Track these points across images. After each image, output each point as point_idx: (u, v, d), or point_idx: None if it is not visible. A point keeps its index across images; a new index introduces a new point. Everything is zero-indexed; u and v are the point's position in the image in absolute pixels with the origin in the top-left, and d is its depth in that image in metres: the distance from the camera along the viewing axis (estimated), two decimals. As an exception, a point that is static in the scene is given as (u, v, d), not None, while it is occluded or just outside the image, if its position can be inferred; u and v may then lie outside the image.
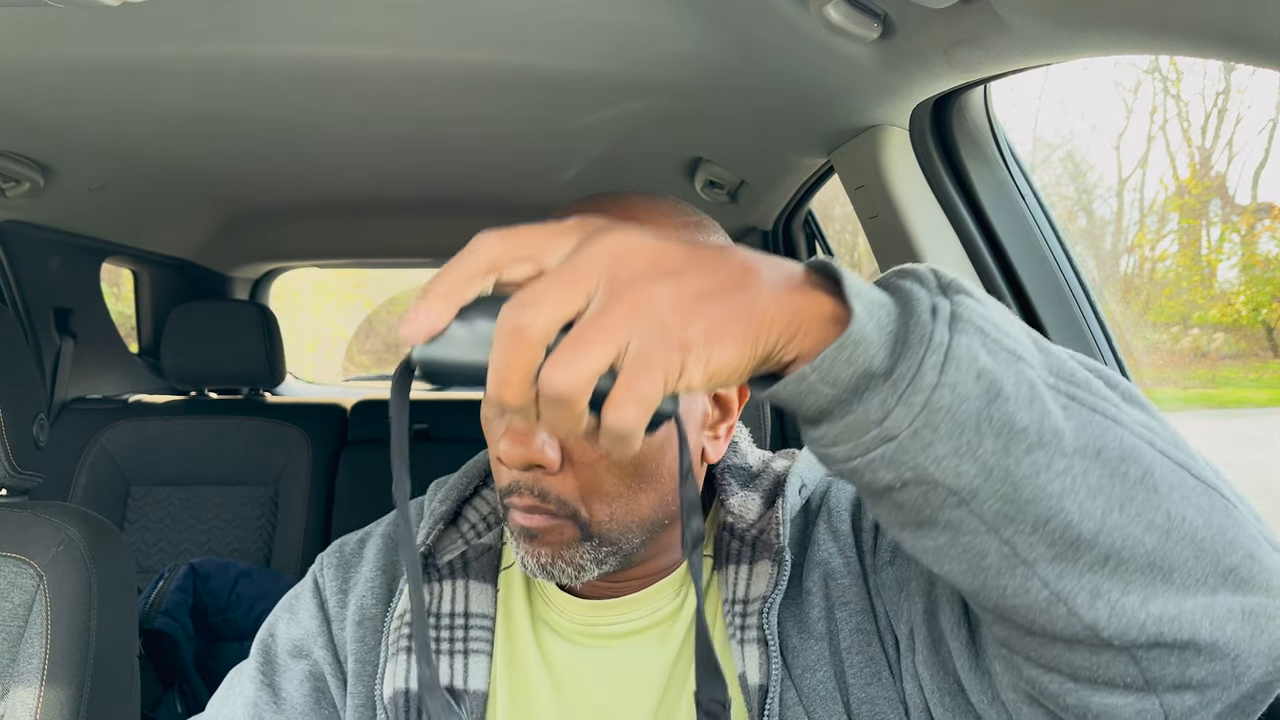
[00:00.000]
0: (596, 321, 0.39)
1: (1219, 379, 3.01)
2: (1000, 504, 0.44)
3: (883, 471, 0.44)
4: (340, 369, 6.35)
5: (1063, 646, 0.47)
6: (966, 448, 0.43)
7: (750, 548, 0.70)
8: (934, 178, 1.09)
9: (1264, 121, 2.83)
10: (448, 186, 1.96)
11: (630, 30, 1.01)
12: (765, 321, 0.43)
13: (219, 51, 1.09)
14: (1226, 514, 0.48)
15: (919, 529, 0.46)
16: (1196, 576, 0.46)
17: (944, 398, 0.42)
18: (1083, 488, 0.44)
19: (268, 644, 0.78)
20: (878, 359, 0.43)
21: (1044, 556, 0.45)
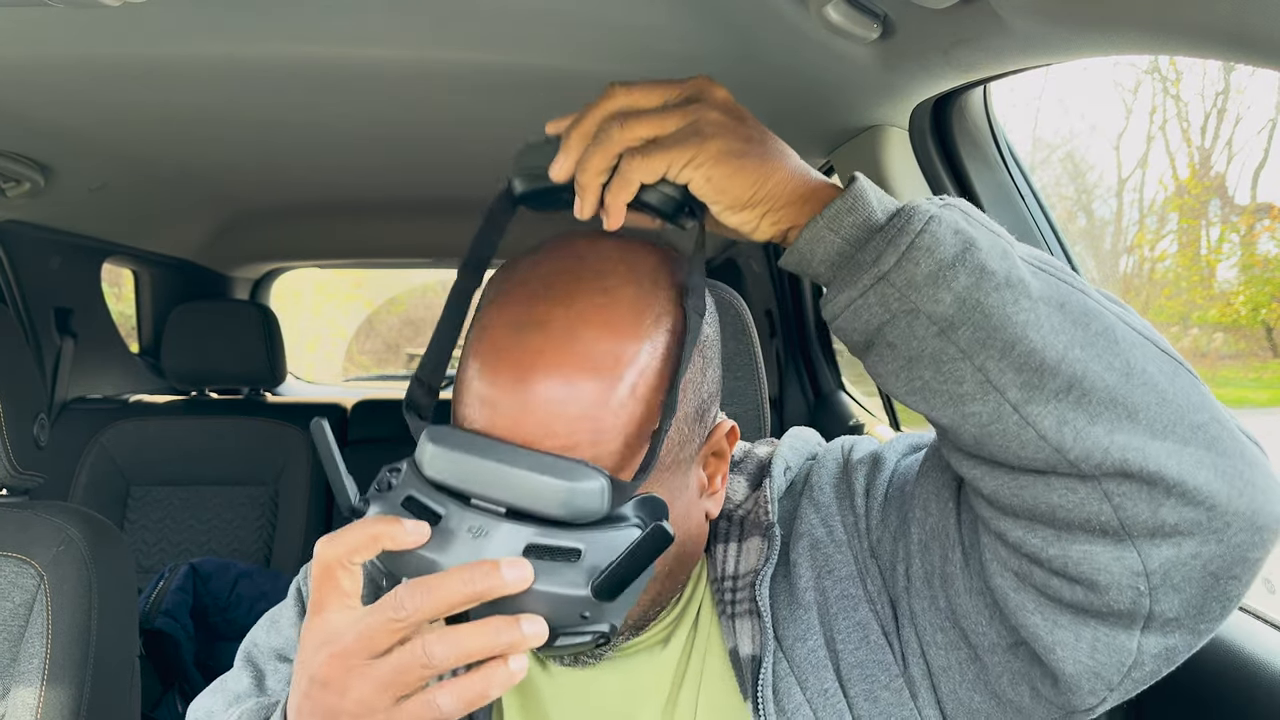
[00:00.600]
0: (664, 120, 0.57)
1: (1218, 379, 3.01)
2: (973, 331, 0.52)
3: (877, 308, 0.54)
4: (340, 369, 6.35)
5: (1040, 483, 0.53)
6: (943, 279, 0.52)
7: (739, 526, 0.71)
8: (933, 178, 1.10)
9: (1263, 121, 2.83)
10: (448, 186, 1.96)
11: (630, 30, 1.01)
12: (774, 177, 0.58)
13: (219, 51, 1.09)
14: (1191, 382, 0.54)
15: (909, 366, 0.54)
16: (1163, 423, 0.52)
17: (924, 240, 0.53)
18: (1045, 324, 0.52)
19: (250, 652, 0.77)
20: (875, 213, 0.55)
21: (1013, 383, 0.52)
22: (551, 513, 0.53)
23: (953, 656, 0.62)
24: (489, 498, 0.53)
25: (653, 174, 0.56)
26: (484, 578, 0.49)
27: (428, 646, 0.48)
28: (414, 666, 0.48)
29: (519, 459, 0.53)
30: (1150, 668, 0.56)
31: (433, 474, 0.55)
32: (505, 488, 0.53)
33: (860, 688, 0.64)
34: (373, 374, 5.64)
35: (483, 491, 0.53)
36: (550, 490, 0.52)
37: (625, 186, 0.57)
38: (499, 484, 0.53)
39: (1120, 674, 0.56)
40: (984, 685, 0.62)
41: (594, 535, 0.53)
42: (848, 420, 1.99)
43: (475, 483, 0.53)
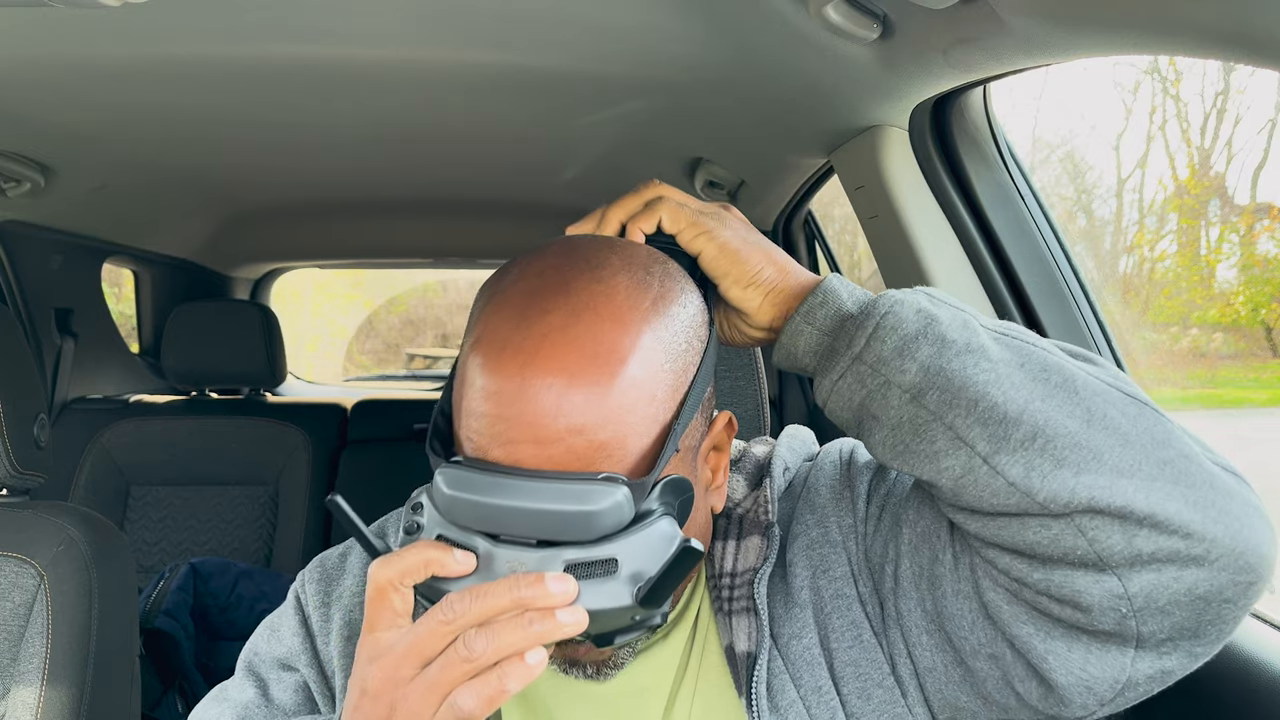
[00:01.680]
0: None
1: (1218, 379, 3.01)
2: (939, 394, 0.57)
3: (855, 386, 0.60)
4: (341, 369, 6.35)
5: (1016, 523, 0.56)
6: (908, 352, 0.58)
7: (738, 525, 0.72)
8: (933, 178, 1.10)
9: (1263, 121, 2.83)
10: (448, 187, 1.96)
11: (630, 31, 1.01)
12: (773, 266, 0.66)
13: (220, 52, 1.09)
14: (1156, 421, 0.57)
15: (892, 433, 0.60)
16: (1128, 462, 0.55)
17: (889, 321, 0.59)
18: (1006, 381, 0.57)
19: (252, 661, 0.76)
20: (846, 304, 0.63)
21: (980, 436, 0.56)
22: (579, 537, 0.54)
23: (938, 658, 0.64)
24: (516, 536, 0.54)
25: (676, 224, 0.65)
26: (529, 586, 0.51)
27: (468, 640, 0.50)
28: (456, 662, 0.50)
29: (537, 495, 0.54)
30: (1144, 688, 0.58)
31: (455, 519, 0.56)
32: (530, 525, 0.54)
33: (853, 686, 0.65)
34: (373, 374, 5.64)
35: (509, 531, 0.54)
36: (574, 518, 0.53)
37: (649, 217, 0.65)
38: (523, 522, 0.54)
39: (1113, 691, 0.58)
40: (970, 687, 0.63)
41: (627, 541, 0.54)
42: (848, 420, 1.99)
43: (500, 525, 0.54)
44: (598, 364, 0.56)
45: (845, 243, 2.99)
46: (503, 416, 0.56)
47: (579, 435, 0.55)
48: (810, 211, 1.92)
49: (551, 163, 1.71)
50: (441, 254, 2.77)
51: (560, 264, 0.61)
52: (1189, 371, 3.01)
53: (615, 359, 0.57)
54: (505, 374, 0.56)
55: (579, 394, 0.56)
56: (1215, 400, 2.95)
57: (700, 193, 1.71)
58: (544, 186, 1.93)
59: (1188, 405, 2.88)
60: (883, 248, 1.20)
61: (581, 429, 0.55)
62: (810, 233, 2.02)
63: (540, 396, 0.55)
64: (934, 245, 1.10)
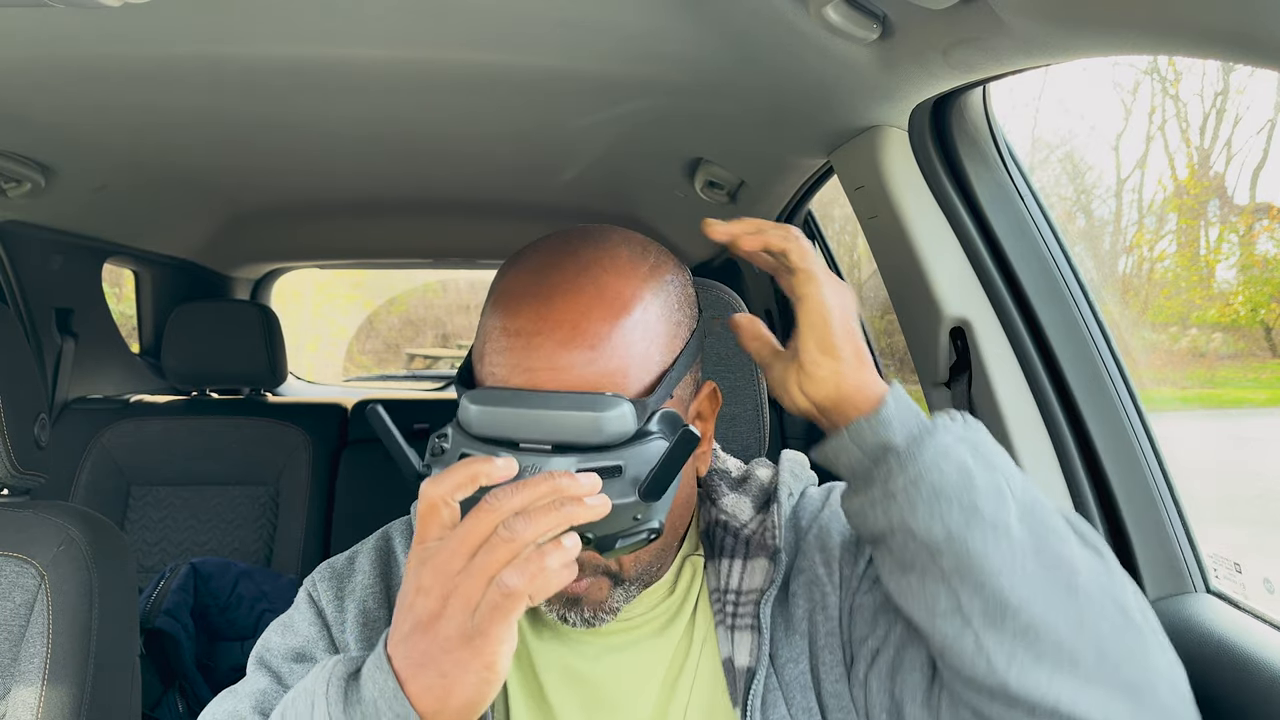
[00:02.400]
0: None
1: (1217, 379, 3.01)
2: (954, 561, 0.61)
3: (882, 519, 0.64)
4: (341, 369, 6.35)
5: (984, 696, 0.62)
6: (938, 514, 0.61)
7: (745, 545, 0.77)
8: (933, 178, 1.10)
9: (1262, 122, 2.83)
10: (448, 187, 1.96)
11: (630, 31, 1.01)
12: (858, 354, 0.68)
13: (220, 52, 1.09)
14: (1136, 639, 0.62)
15: (901, 570, 0.65)
16: (1099, 674, 0.60)
17: (931, 476, 0.62)
18: (1019, 570, 0.61)
19: (264, 657, 0.77)
20: (896, 438, 0.64)
21: (978, 612, 0.61)
22: (589, 440, 0.61)
23: None
24: (534, 440, 0.62)
25: (803, 260, 0.68)
26: (562, 476, 0.58)
27: (509, 524, 0.55)
28: (500, 545, 0.55)
29: (552, 402, 0.62)
30: None
31: (480, 431, 0.63)
32: (546, 429, 0.62)
33: (836, 716, 0.71)
34: (373, 374, 5.64)
35: (528, 436, 0.62)
36: (585, 422, 0.61)
37: (783, 238, 0.68)
38: (540, 427, 0.62)
39: None
40: None
41: (629, 451, 0.62)
42: (847, 420, 1.99)
43: (519, 430, 0.62)
44: (605, 305, 0.65)
45: (845, 243, 2.99)
46: (522, 350, 0.64)
47: (590, 365, 0.64)
48: (810, 211, 1.92)
49: (551, 163, 1.71)
50: (441, 254, 2.77)
51: (569, 237, 0.71)
52: (1188, 371, 3.01)
53: (620, 304, 0.66)
54: (524, 316, 0.65)
55: (590, 329, 0.64)
56: (1214, 400, 2.96)
57: (700, 193, 1.71)
58: (544, 187, 1.93)
59: (1187, 405, 2.89)
60: (882, 248, 1.20)
61: (592, 359, 0.64)
62: (810, 233, 2.02)
63: (556, 331, 0.64)
64: (934, 245, 1.10)
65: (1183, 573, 0.99)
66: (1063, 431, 1.04)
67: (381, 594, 0.78)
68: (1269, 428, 2.82)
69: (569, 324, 0.64)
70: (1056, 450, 1.04)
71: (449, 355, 7.65)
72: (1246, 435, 2.85)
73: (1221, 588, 0.98)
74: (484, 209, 2.20)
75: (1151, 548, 0.99)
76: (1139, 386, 1.05)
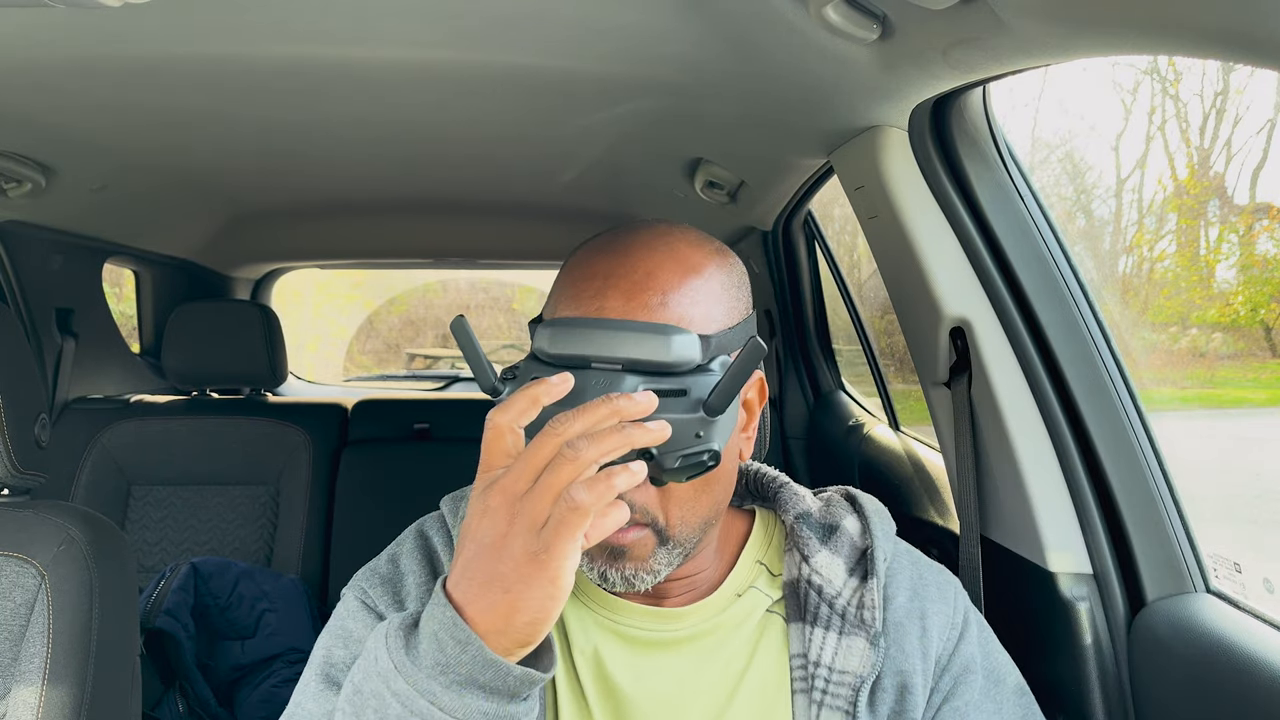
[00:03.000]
0: None
1: (1217, 379, 3.01)
2: None
3: None
4: (341, 369, 6.35)
5: None
6: None
7: (841, 617, 0.75)
8: (933, 178, 1.10)
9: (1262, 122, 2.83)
10: (448, 187, 1.96)
11: (630, 31, 1.01)
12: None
13: (220, 52, 1.09)
14: None
15: None
16: None
17: None
18: None
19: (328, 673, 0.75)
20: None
21: None
22: (659, 359, 0.65)
23: None
24: (606, 358, 0.65)
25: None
26: (620, 397, 0.60)
27: (573, 444, 0.57)
28: (564, 464, 0.57)
29: (626, 325, 0.66)
30: None
31: (556, 350, 0.66)
32: (619, 348, 0.65)
33: None
34: (373, 374, 5.63)
35: (600, 353, 0.65)
36: (656, 343, 0.65)
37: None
38: (613, 345, 0.65)
39: None
40: None
41: (694, 379, 0.66)
42: (847, 420, 1.99)
43: (591, 348, 0.66)
44: (676, 262, 0.70)
45: (845, 243, 2.99)
46: (595, 292, 0.69)
47: (660, 308, 0.68)
48: (810, 211, 1.92)
49: (551, 163, 1.71)
50: (442, 254, 2.77)
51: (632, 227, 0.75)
52: (1188, 371, 3.01)
53: (689, 265, 0.71)
54: (598, 266, 0.71)
55: (662, 278, 0.69)
56: (1214, 400, 2.95)
57: (700, 193, 1.71)
58: (544, 187, 1.93)
59: (1187, 405, 2.88)
60: (882, 248, 1.21)
61: (662, 302, 0.68)
62: (810, 233, 2.02)
63: (630, 276, 0.69)
64: (934, 245, 1.10)
65: (1183, 573, 0.99)
66: (1063, 431, 1.04)
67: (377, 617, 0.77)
68: (1269, 428, 2.82)
69: (643, 271, 0.69)
70: (1056, 450, 1.04)
71: (449, 355, 7.65)
72: (1246, 435, 2.85)
73: (1221, 588, 0.98)
74: (484, 209, 2.20)
75: (1151, 548, 1.00)
76: (1139, 386, 1.05)
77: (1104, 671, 0.99)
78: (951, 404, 1.15)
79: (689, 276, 0.70)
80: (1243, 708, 0.81)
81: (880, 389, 1.98)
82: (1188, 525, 1.00)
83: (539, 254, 2.79)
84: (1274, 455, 2.66)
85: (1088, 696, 0.98)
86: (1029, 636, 1.06)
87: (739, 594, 0.79)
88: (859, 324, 2.06)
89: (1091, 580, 1.01)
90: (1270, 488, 2.48)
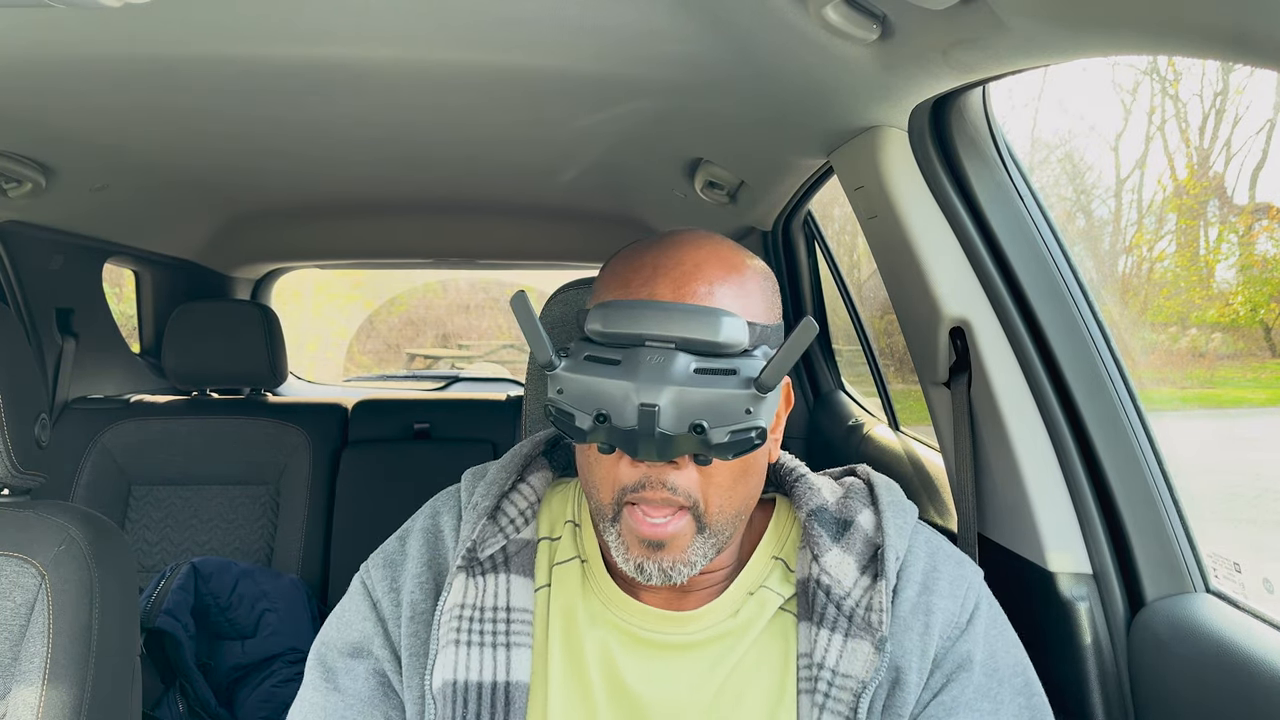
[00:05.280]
0: None
1: (1217, 379, 3.01)
2: None
3: None
4: (341, 369, 6.35)
5: None
6: None
7: (848, 619, 0.74)
8: (933, 178, 1.10)
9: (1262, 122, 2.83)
10: (448, 187, 1.96)
11: (630, 32, 1.01)
12: None
13: (220, 52, 1.09)
14: None
15: None
16: None
17: None
18: None
19: (322, 654, 0.79)
20: None
21: None
22: (710, 338, 0.67)
23: None
24: (660, 336, 0.68)
25: None
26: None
27: None
28: None
29: (679, 308, 0.68)
30: None
31: (612, 329, 0.69)
32: (673, 327, 0.68)
33: None
34: (373, 374, 5.63)
35: (655, 332, 0.68)
36: (708, 323, 0.67)
37: None
38: (667, 325, 0.68)
39: None
40: None
41: (742, 361, 0.68)
42: (847, 420, 1.99)
43: (648, 326, 0.68)
44: (719, 260, 0.73)
45: (845, 243, 2.99)
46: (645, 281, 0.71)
47: (709, 296, 0.70)
48: (810, 211, 1.92)
49: (551, 163, 1.72)
50: (442, 254, 2.77)
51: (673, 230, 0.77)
52: (1188, 371, 3.01)
53: (730, 264, 0.73)
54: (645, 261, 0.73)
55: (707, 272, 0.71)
56: (1214, 400, 2.95)
57: (700, 193, 1.72)
58: (544, 187, 1.93)
59: (1186, 405, 2.89)
60: (882, 248, 1.21)
61: (710, 291, 0.70)
62: (810, 233, 2.02)
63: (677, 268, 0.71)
64: (933, 245, 1.10)
65: (1183, 573, 0.99)
66: (1062, 431, 1.04)
67: (429, 584, 0.79)
68: (1269, 428, 2.82)
69: (691, 264, 0.71)
70: (1056, 450, 1.04)
71: (449, 355, 7.65)
72: (1246, 435, 2.85)
73: (1221, 588, 0.98)
74: (484, 209, 2.20)
75: (1151, 548, 1.00)
76: (1139, 386, 1.05)
77: (1104, 671, 0.99)
78: (951, 404, 1.15)
79: (732, 273, 0.73)
80: (1242, 708, 0.81)
81: (880, 389, 1.98)
82: (1187, 525, 1.01)
83: (539, 254, 2.79)
84: (1274, 455, 2.66)
85: (1087, 696, 0.98)
86: (1028, 636, 1.06)
87: (750, 592, 0.78)
88: (859, 324, 2.06)
89: (1091, 580, 1.01)
90: (1270, 488, 2.48)
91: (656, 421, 0.65)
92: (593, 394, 0.67)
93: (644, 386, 0.65)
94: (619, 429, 0.67)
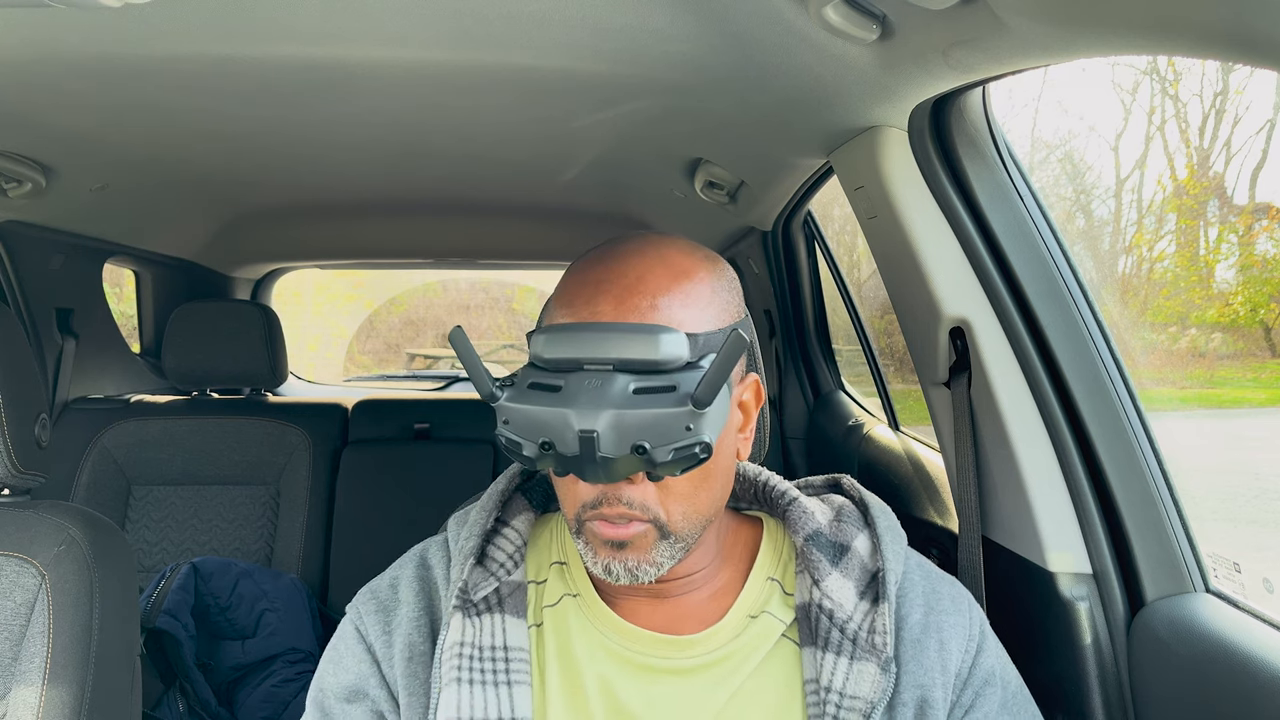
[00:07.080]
0: None
1: (1217, 379, 3.01)
2: None
3: None
4: (341, 369, 6.35)
5: None
6: None
7: (852, 642, 0.75)
8: (933, 178, 1.10)
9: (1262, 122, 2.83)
10: (448, 187, 1.96)
11: (630, 32, 1.01)
12: None
13: (221, 52, 1.09)
14: None
15: None
16: None
17: None
18: None
19: (319, 700, 0.79)
20: None
21: None
22: (648, 357, 0.67)
23: None
24: (598, 359, 0.67)
25: None
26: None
27: None
28: None
29: (616, 328, 0.68)
30: None
31: (550, 355, 0.69)
32: (610, 349, 0.67)
33: None
34: (373, 374, 5.63)
35: (592, 355, 0.68)
36: (645, 343, 0.67)
37: None
38: (604, 347, 0.67)
39: None
40: None
41: (682, 375, 0.68)
42: (847, 420, 1.99)
43: (584, 350, 0.68)
44: (666, 267, 0.72)
45: (845, 243, 2.99)
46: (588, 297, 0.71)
47: (650, 311, 0.69)
48: (810, 211, 1.92)
49: (551, 163, 1.72)
50: (442, 254, 2.78)
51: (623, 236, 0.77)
52: (1187, 371, 3.01)
53: (679, 270, 0.73)
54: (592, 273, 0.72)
55: (653, 283, 0.71)
56: (1213, 400, 2.96)
57: (700, 193, 1.72)
58: (544, 187, 1.93)
59: (1186, 405, 2.89)
60: (882, 248, 1.21)
61: (653, 305, 0.70)
62: (810, 233, 2.02)
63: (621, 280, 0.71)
64: (933, 245, 1.10)
65: (1183, 572, 0.99)
66: (1062, 431, 1.04)
67: (425, 627, 0.79)
68: (1268, 427, 2.82)
69: (633, 276, 0.71)
70: (1056, 450, 1.04)
71: (449, 355, 7.64)
72: (1245, 435, 2.85)
73: (1221, 587, 0.98)
74: (484, 209, 2.20)
75: (1151, 548, 1.00)
76: (1138, 386, 1.05)
77: (1104, 671, 0.99)
78: (951, 404, 1.15)
79: (678, 280, 0.72)
80: (1242, 707, 0.81)
81: (880, 389, 1.98)
82: (1187, 525, 1.01)
83: (539, 254, 2.79)
84: (1274, 455, 2.66)
85: (1087, 696, 0.98)
86: (1029, 636, 1.06)
87: (752, 616, 0.79)
88: (859, 324, 2.06)
89: (1091, 580, 1.01)
90: (1270, 488, 2.48)
91: (597, 446, 0.65)
92: (535, 423, 0.67)
93: (582, 412, 0.65)
94: (563, 455, 0.67)
